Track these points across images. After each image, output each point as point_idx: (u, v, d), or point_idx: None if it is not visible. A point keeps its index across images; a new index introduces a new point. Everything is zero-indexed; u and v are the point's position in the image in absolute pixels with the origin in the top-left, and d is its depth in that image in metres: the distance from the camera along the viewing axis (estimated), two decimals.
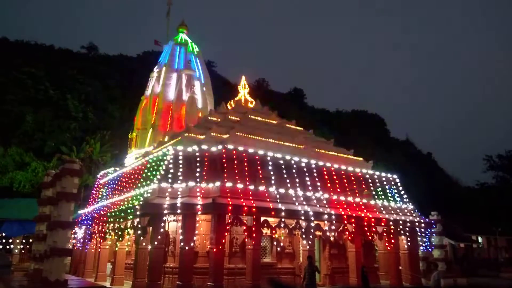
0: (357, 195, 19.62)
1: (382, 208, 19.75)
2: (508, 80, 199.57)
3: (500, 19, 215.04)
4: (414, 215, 20.91)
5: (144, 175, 18.36)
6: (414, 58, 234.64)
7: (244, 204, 14.79)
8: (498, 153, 66.64)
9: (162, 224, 14.80)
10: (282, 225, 15.82)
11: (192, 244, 14.76)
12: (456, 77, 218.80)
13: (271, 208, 15.36)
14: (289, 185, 17.31)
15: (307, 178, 18.05)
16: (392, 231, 18.93)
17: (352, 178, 19.90)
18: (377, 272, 20.66)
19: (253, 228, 15.04)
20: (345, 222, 17.38)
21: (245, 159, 16.96)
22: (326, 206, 17.35)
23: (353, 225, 17.68)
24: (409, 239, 19.63)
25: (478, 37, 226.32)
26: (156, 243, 14.52)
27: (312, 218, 16.24)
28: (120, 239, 16.93)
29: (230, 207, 14.47)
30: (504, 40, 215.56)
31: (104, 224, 18.55)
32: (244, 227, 15.32)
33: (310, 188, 17.81)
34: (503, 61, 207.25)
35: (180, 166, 16.68)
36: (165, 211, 14.70)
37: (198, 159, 17.12)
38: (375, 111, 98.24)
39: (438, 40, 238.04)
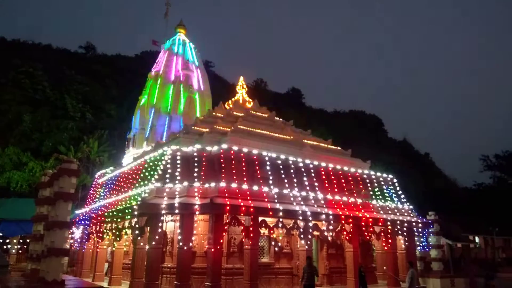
0: (355, 195, 19.65)
1: (379, 208, 19.78)
2: (507, 80, 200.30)
3: (498, 18, 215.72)
4: (411, 215, 20.96)
5: (142, 175, 18.34)
6: (413, 58, 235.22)
7: (242, 204, 14.78)
8: (495, 153, 66.91)
9: (160, 224, 14.78)
10: (280, 225, 15.81)
11: (190, 244, 14.75)
12: (454, 77, 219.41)
13: (269, 208, 15.36)
14: (287, 185, 17.32)
15: (305, 178, 18.09)
16: (389, 231, 18.97)
17: (350, 178, 19.94)
18: (375, 272, 20.72)
19: (251, 228, 15.04)
20: (343, 222, 17.39)
21: (243, 159, 16.96)
22: (324, 206, 17.36)
23: (351, 225, 17.70)
24: (406, 239, 19.68)
25: (477, 37, 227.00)
26: (154, 243, 14.50)
27: (310, 218, 16.25)
28: (118, 239, 16.91)
29: (228, 207, 14.47)
30: (503, 39, 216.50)
31: (101, 224, 18.52)
32: (242, 227, 15.33)
33: (308, 188, 17.83)
34: (502, 60, 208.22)
35: (178, 166, 16.68)
36: (163, 211, 14.69)
37: (196, 159, 17.13)
38: (373, 112, 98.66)
39: (437, 40, 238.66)
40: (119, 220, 16.64)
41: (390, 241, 18.98)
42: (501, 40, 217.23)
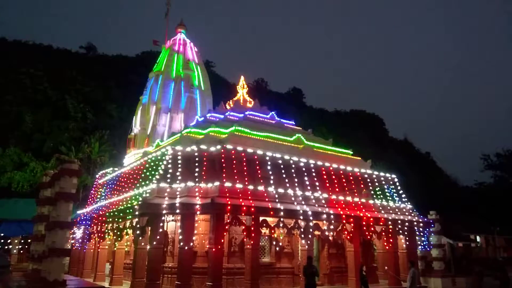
0: (356, 194, 19.65)
1: (380, 208, 19.79)
2: (508, 79, 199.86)
3: (499, 18, 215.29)
4: (412, 214, 20.95)
5: (143, 175, 18.36)
6: (413, 57, 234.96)
7: (243, 204, 14.80)
8: (496, 152, 66.65)
9: (161, 224, 14.80)
10: (281, 224, 15.83)
11: (191, 244, 14.78)
12: (455, 76, 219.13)
13: (270, 208, 15.38)
14: (287, 185, 17.32)
15: (306, 178, 18.08)
16: (390, 230, 18.96)
17: (351, 178, 19.94)
18: (376, 271, 20.71)
19: (252, 228, 15.06)
20: (344, 221, 17.40)
21: (244, 159, 16.98)
22: (325, 205, 17.38)
23: (352, 224, 17.70)
24: (407, 238, 19.67)
25: (477, 37, 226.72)
26: (155, 243, 14.53)
27: (311, 218, 16.26)
28: (119, 239, 16.94)
29: (229, 207, 14.48)
30: (504, 39, 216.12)
31: (103, 224, 18.55)
32: (243, 227, 15.34)
33: (308, 187, 17.84)
34: (503, 60, 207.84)
35: (179, 166, 16.69)
36: (164, 211, 14.71)
37: (197, 159, 17.13)
38: (374, 111, 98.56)
39: (437, 40, 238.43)
40: (120, 220, 16.67)
41: (391, 240, 18.97)
42: (502, 40, 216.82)
